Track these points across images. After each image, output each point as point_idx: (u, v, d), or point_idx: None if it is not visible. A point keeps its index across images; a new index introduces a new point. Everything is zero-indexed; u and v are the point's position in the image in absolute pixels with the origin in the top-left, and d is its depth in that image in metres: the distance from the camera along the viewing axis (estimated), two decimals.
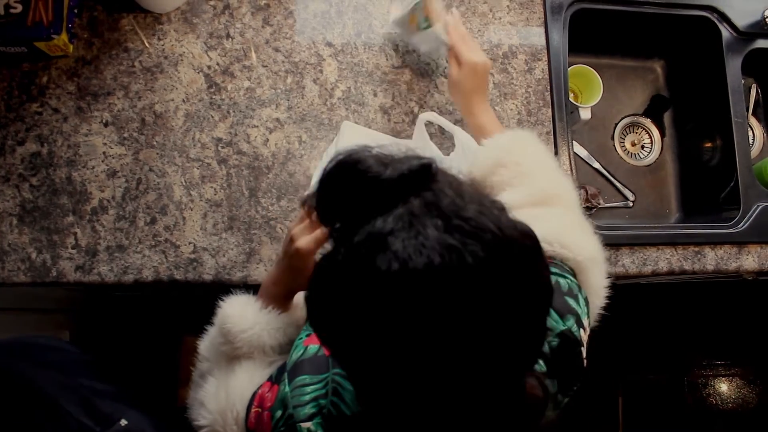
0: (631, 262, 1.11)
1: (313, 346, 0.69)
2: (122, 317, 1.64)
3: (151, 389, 1.02)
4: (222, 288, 0.99)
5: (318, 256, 0.78)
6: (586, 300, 0.74)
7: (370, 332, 0.45)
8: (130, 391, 0.96)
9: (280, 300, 0.80)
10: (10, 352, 0.92)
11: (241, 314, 0.78)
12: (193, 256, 0.98)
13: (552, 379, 0.64)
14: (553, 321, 0.68)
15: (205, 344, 0.83)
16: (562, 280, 0.72)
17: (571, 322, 0.68)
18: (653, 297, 2.05)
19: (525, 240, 0.48)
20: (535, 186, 0.84)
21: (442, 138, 1.08)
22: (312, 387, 0.64)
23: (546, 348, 0.65)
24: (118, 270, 0.97)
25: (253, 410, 0.69)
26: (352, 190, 0.49)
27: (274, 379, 0.70)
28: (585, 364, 0.70)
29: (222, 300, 0.81)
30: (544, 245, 0.75)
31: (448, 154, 1.02)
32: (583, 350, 0.70)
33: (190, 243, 0.98)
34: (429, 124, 0.98)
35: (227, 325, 0.77)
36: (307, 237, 0.76)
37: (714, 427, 2.05)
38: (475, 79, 0.93)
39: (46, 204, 0.97)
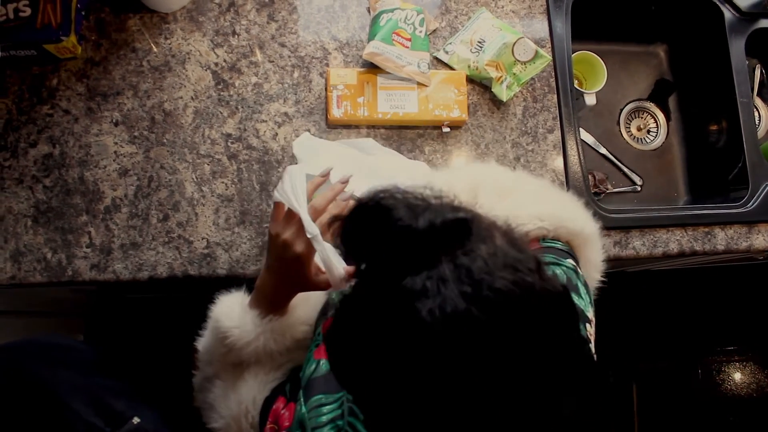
0: (641, 244, 1.11)
1: (325, 361, 0.68)
2: (135, 320, 1.65)
3: (165, 387, 1.03)
4: (235, 283, 1.00)
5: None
6: (586, 286, 0.73)
7: (390, 387, 0.46)
8: (143, 389, 0.96)
9: (280, 305, 0.77)
10: (24, 353, 0.92)
11: (240, 326, 0.75)
12: (206, 251, 0.99)
13: None
14: None
15: (205, 350, 0.81)
16: (558, 270, 0.72)
17: None
18: (665, 284, 2.05)
19: (556, 306, 0.47)
20: (493, 182, 0.83)
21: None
22: (328, 407, 0.64)
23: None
24: (132, 267, 0.98)
25: (268, 425, 0.69)
26: (382, 237, 0.47)
27: (289, 396, 0.69)
28: (594, 359, 0.70)
29: (214, 304, 0.78)
30: (549, 225, 0.76)
31: None
32: (591, 346, 0.69)
33: (203, 238, 0.99)
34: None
35: (230, 339, 0.75)
36: (303, 239, 0.72)
37: (729, 413, 2.04)
38: None
39: (60, 204, 0.98)
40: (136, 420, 0.90)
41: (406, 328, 0.43)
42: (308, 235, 0.70)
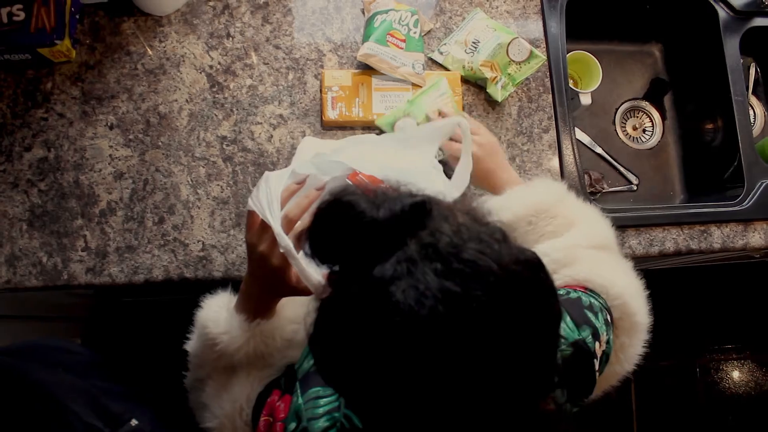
0: (637, 243, 1.11)
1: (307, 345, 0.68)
2: (131, 323, 1.64)
3: (163, 390, 1.02)
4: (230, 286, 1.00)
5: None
6: (606, 321, 0.72)
7: (378, 378, 0.45)
8: (141, 391, 0.96)
9: (267, 309, 0.76)
10: (22, 355, 0.92)
11: (228, 331, 0.74)
12: (202, 253, 0.99)
13: (561, 388, 0.63)
14: (568, 329, 0.67)
15: (195, 353, 0.80)
16: (584, 296, 0.72)
17: (586, 333, 0.67)
18: (662, 283, 2.04)
19: (529, 271, 0.47)
20: (594, 229, 0.84)
21: None
22: (325, 399, 0.64)
23: (557, 356, 0.65)
24: (128, 270, 0.97)
25: (262, 419, 0.69)
26: (347, 233, 0.48)
27: (285, 388, 0.69)
28: (597, 377, 0.70)
29: (200, 308, 0.77)
30: (608, 292, 0.75)
31: None
32: (596, 362, 0.69)
33: (198, 241, 0.99)
34: None
35: (220, 346, 0.74)
36: (279, 251, 0.69)
37: (727, 411, 2.04)
38: (496, 156, 0.93)
39: (55, 208, 0.98)
40: (134, 422, 0.90)
41: (383, 313, 0.43)
42: (280, 249, 0.68)
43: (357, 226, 0.47)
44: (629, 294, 0.78)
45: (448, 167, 0.90)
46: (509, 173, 0.93)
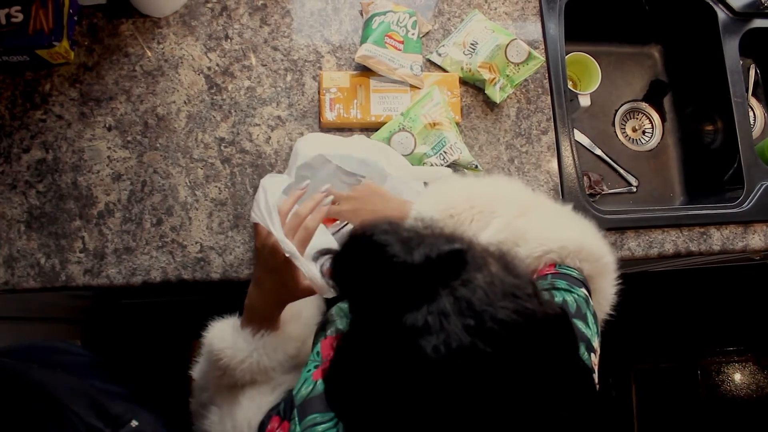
0: (636, 245, 1.11)
1: (322, 381, 0.68)
2: (131, 325, 1.65)
3: (163, 391, 1.02)
4: (228, 287, 1.00)
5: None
6: (594, 316, 0.73)
7: (395, 424, 0.45)
8: (141, 392, 0.96)
9: (271, 319, 0.77)
10: (23, 356, 0.92)
11: (233, 345, 0.75)
12: (200, 255, 0.99)
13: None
14: None
15: (200, 375, 0.81)
16: (569, 298, 0.72)
17: (582, 350, 0.68)
18: (664, 286, 2.04)
19: (557, 329, 0.47)
20: (515, 195, 0.83)
21: None
22: (323, 426, 0.63)
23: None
24: (126, 272, 0.97)
25: None
26: (378, 275, 0.47)
27: (283, 414, 0.69)
28: (597, 389, 0.70)
29: (206, 330, 0.79)
30: (573, 247, 0.75)
31: None
32: (595, 376, 0.69)
33: (196, 242, 0.99)
34: None
35: (224, 360, 0.75)
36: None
37: (728, 414, 2.04)
38: (371, 200, 0.89)
39: (53, 209, 0.98)
40: (134, 423, 0.90)
41: (412, 367, 0.43)
42: (285, 254, 0.70)
43: (388, 269, 0.46)
44: (587, 242, 0.78)
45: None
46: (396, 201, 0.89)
